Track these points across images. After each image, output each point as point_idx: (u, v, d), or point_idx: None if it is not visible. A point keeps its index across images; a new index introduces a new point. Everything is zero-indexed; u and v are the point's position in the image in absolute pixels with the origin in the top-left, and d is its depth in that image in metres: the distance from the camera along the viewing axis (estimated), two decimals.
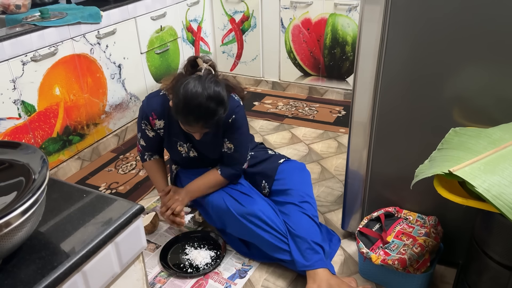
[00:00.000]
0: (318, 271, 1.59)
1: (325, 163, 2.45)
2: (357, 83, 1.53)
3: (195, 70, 1.56)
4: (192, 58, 1.59)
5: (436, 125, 1.46)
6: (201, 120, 1.50)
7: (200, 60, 1.57)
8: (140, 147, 1.85)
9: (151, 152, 1.85)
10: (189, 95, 1.46)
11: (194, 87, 1.47)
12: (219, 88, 1.50)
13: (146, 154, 1.86)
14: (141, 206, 0.84)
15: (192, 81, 1.48)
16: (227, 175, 1.75)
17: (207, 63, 1.58)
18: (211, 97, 1.47)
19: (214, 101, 1.48)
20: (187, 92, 1.47)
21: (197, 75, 1.52)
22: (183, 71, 1.61)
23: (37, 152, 0.77)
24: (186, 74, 1.58)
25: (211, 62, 1.60)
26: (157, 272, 1.75)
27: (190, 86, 1.47)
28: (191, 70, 1.57)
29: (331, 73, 3.21)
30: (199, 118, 1.49)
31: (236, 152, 1.73)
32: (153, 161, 1.87)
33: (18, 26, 2.12)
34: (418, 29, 1.36)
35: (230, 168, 1.75)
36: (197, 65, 1.57)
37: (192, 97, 1.46)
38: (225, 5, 3.34)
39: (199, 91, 1.46)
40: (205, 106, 1.47)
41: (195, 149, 1.77)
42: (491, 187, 0.97)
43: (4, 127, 2.03)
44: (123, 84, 2.69)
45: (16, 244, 0.68)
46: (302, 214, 1.70)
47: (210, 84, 1.48)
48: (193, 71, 1.56)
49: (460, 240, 1.62)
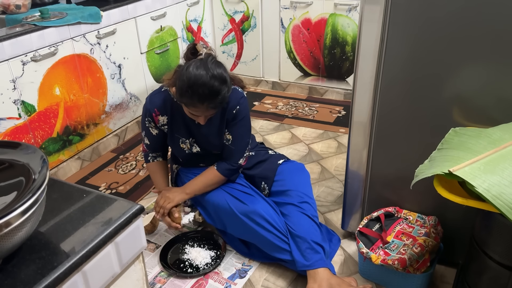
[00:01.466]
0: (318, 270, 1.59)
1: (325, 163, 2.45)
2: (357, 83, 1.53)
3: (195, 57, 1.58)
4: (191, 45, 1.62)
5: (436, 125, 1.46)
6: (206, 100, 1.52)
7: (199, 46, 1.60)
8: (144, 147, 1.85)
9: (155, 152, 1.86)
10: (193, 76, 1.49)
11: (197, 68, 1.50)
12: (221, 69, 1.54)
13: (150, 156, 1.86)
14: (141, 206, 0.84)
15: (194, 64, 1.52)
16: (223, 170, 1.75)
17: (207, 48, 1.60)
18: (214, 76, 1.50)
19: (217, 80, 1.51)
20: (190, 74, 1.50)
21: (198, 58, 1.55)
22: (183, 59, 1.63)
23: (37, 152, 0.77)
24: (187, 61, 1.59)
25: (210, 47, 1.63)
26: (157, 272, 1.75)
27: (193, 68, 1.51)
28: (192, 57, 1.59)
29: (331, 73, 3.21)
30: (204, 98, 1.51)
31: (233, 145, 1.73)
32: (156, 163, 1.87)
33: (18, 26, 2.12)
34: (418, 29, 1.36)
35: (227, 163, 1.75)
36: (196, 52, 1.60)
37: (196, 77, 1.49)
38: (225, 5, 3.34)
39: (202, 72, 1.50)
40: (209, 85, 1.49)
41: (197, 144, 1.77)
42: (491, 187, 0.97)
43: (4, 127, 2.03)
44: (123, 84, 2.69)
45: (16, 244, 0.68)
46: (301, 214, 1.70)
47: (212, 64, 1.52)
48: (193, 57, 1.58)
49: (460, 240, 1.62)
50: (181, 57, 1.68)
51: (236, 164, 1.76)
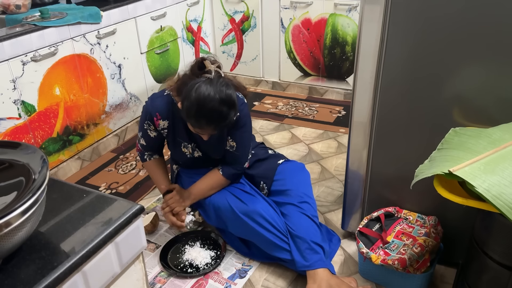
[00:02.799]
0: (318, 271, 1.59)
1: (325, 163, 2.45)
2: (357, 83, 1.53)
3: (202, 72, 1.55)
4: (200, 59, 1.58)
5: (436, 125, 1.46)
6: (213, 123, 1.51)
7: (208, 62, 1.56)
8: (139, 146, 1.85)
9: (151, 151, 1.85)
10: (202, 98, 1.47)
11: (207, 90, 1.47)
12: (231, 91, 1.51)
13: (146, 154, 1.86)
14: (141, 206, 0.84)
15: (203, 85, 1.48)
16: (229, 175, 1.75)
17: (215, 65, 1.57)
18: (223, 100, 1.48)
19: (226, 105, 1.49)
20: (199, 96, 1.47)
21: (206, 77, 1.52)
22: (189, 72, 1.60)
23: (37, 152, 0.77)
24: (193, 76, 1.56)
25: (218, 64, 1.60)
26: (157, 272, 1.75)
27: (203, 90, 1.47)
28: (198, 72, 1.56)
29: (331, 73, 3.21)
30: (211, 122, 1.51)
31: (238, 151, 1.74)
32: (153, 161, 1.87)
33: (18, 26, 2.12)
34: (418, 29, 1.36)
35: (232, 168, 1.75)
36: (204, 67, 1.57)
37: (205, 100, 1.46)
38: (225, 5, 3.34)
39: (212, 95, 1.47)
40: (218, 110, 1.48)
41: (199, 149, 1.77)
42: (491, 187, 0.97)
43: (4, 127, 2.03)
44: (123, 84, 2.69)
45: (16, 244, 0.68)
46: (301, 214, 1.70)
47: (222, 87, 1.49)
48: (200, 73, 1.55)
49: (460, 240, 1.62)
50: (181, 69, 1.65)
51: (242, 168, 1.77)
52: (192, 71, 1.59)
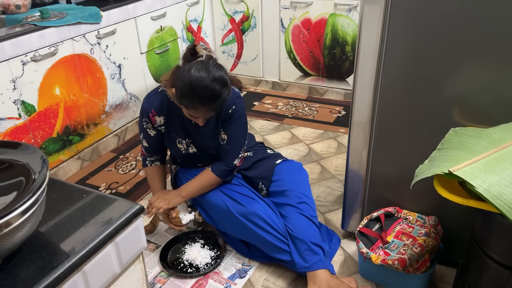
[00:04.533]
0: (317, 272, 1.59)
1: (325, 163, 2.45)
2: (357, 83, 1.53)
3: (194, 58, 1.57)
4: (191, 46, 1.61)
5: (436, 125, 1.46)
6: (206, 102, 1.52)
7: (199, 47, 1.59)
8: (143, 150, 1.85)
9: (153, 156, 1.85)
10: (194, 78, 1.49)
11: (199, 71, 1.50)
12: (222, 72, 1.54)
13: (148, 160, 1.86)
14: (141, 206, 0.84)
15: (195, 66, 1.51)
16: (218, 171, 1.74)
17: (206, 50, 1.59)
18: (216, 79, 1.50)
19: (219, 83, 1.51)
20: (192, 76, 1.49)
21: (198, 60, 1.54)
22: (182, 61, 1.62)
23: (37, 152, 0.77)
24: (185, 63, 1.58)
25: (210, 49, 1.62)
26: (157, 272, 1.75)
27: (195, 70, 1.50)
28: (191, 58, 1.58)
29: (331, 73, 3.21)
30: (205, 101, 1.51)
31: (228, 144, 1.73)
32: (153, 168, 1.86)
33: (18, 26, 2.12)
34: (418, 29, 1.36)
35: (221, 164, 1.74)
36: (196, 53, 1.59)
37: (198, 80, 1.49)
38: (225, 5, 3.34)
39: (204, 74, 1.49)
40: (211, 88, 1.49)
41: (194, 144, 1.77)
42: (491, 187, 0.97)
43: (4, 127, 2.03)
44: (123, 84, 2.69)
45: (16, 244, 0.68)
46: (300, 215, 1.69)
47: (213, 67, 1.52)
48: (192, 59, 1.57)
49: (460, 240, 1.62)
50: (180, 57, 1.67)
51: (231, 164, 1.75)
52: (185, 59, 1.61)
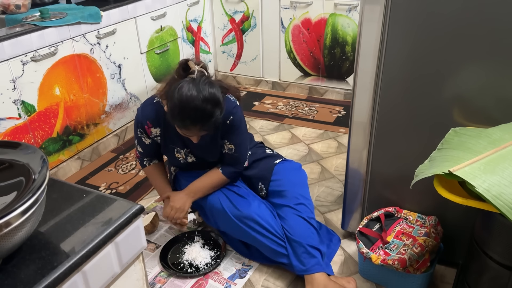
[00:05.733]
0: (315, 275, 1.58)
1: (325, 163, 2.45)
2: (357, 83, 1.53)
3: (187, 73, 1.53)
4: (183, 61, 1.56)
5: (436, 125, 1.46)
6: (198, 123, 1.48)
7: (191, 63, 1.54)
8: (138, 153, 1.84)
9: (149, 157, 1.85)
10: (184, 98, 1.44)
11: (189, 90, 1.44)
12: (214, 90, 1.48)
13: (145, 160, 1.85)
14: (141, 206, 0.84)
15: (186, 84, 1.46)
16: (229, 174, 1.74)
17: (199, 65, 1.55)
18: (206, 99, 1.45)
19: (210, 103, 1.46)
20: (182, 96, 1.44)
21: (190, 77, 1.49)
22: (175, 75, 1.57)
23: (37, 152, 0.77)
24: (178, 78, 1.54)
25: (203, 64, 1.58)
26: (157, 272, 1.75)
27: (185, 90, 1.45)
28: (183, 74, 1.53)
29: (331, 73, 3.21)
30: (196, 121, 1.47)
31: (237, 152, 1.73)
32: (152, 166, 1.85)
33: (18, 26, 2.12)
34: (418, 29, 1.36)
35: (232, 167, 1.75)
36: (189, 68, 1.54)
37: (188, 100, 1.44)
38: (225, 5, 3.34)
39: (194, 94, 1.44)
40: (202, 108, 1.45)
41: (192, 154, 1.76)
42: (491, 187, 0.97)
43: (4, 127, 2.03)
44: (123, 84, 2.69)
45: (16, 244, 0.68)
46: (297, 217, 1.68)
47: (205, 86, 1.46)
48: (185, 74, 1.53)
49: (460, 240, 1.62)
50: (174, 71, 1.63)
51: (242, 168, 1.77)
52: (177, 74, 1.55)
